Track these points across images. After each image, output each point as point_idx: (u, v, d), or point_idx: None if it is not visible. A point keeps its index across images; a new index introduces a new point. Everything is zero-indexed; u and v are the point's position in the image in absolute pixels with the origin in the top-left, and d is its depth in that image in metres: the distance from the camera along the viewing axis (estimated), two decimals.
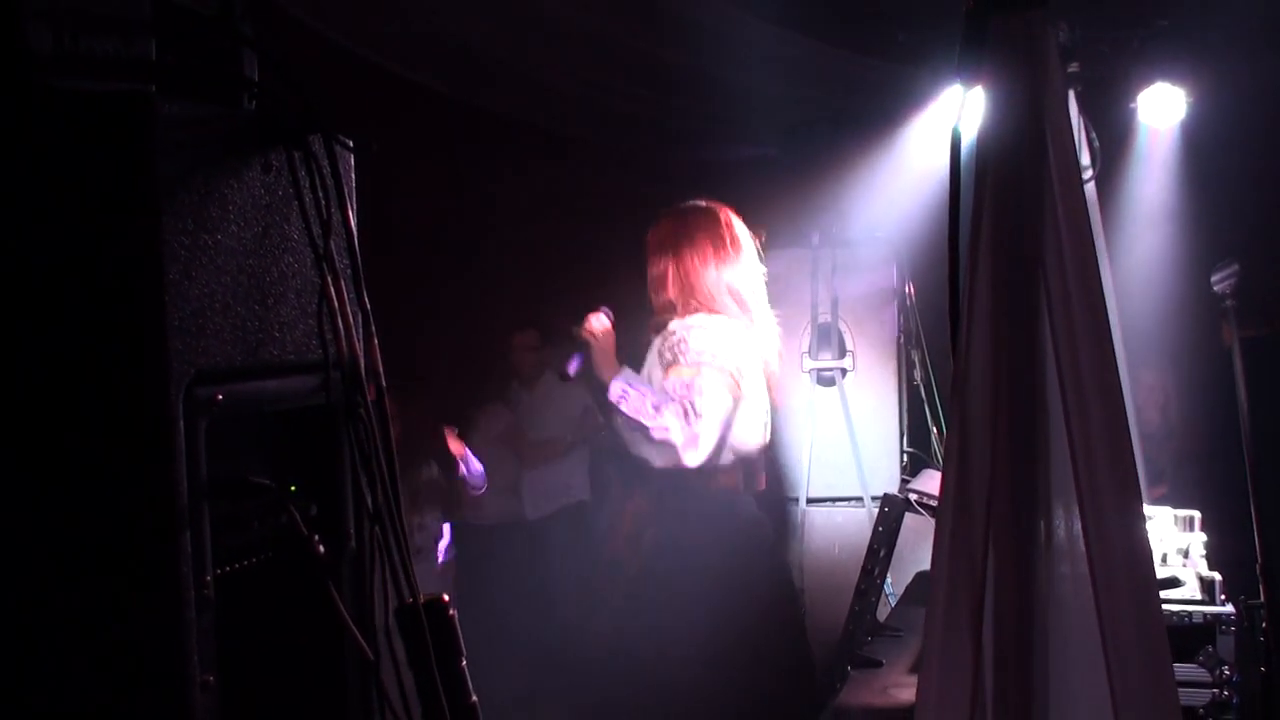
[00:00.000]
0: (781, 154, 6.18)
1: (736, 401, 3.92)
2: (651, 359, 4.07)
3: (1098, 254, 1.76)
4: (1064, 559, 1.67)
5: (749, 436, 4.02)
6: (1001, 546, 1.65)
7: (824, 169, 5.72)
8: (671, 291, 4.04)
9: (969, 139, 1.80)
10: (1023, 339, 1.65)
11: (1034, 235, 1.66)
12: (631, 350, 4.28)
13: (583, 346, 4.07)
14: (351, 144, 1.65)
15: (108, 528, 1.32)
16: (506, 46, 4.89)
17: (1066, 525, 1.67)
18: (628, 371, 4.01)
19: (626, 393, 3.93)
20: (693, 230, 4.05)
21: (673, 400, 3.86)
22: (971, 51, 1.76)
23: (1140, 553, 1.67)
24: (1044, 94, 1.66)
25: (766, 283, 4.15)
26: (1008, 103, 1.68)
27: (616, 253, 4.80)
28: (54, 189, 1.33)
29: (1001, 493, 1.64)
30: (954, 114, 1.82)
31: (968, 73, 1.75)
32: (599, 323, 4.05)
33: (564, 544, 6.37)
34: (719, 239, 4.05)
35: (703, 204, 4.14)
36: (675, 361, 3.92)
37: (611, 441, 4.07)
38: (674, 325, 3.99)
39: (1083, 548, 1.64)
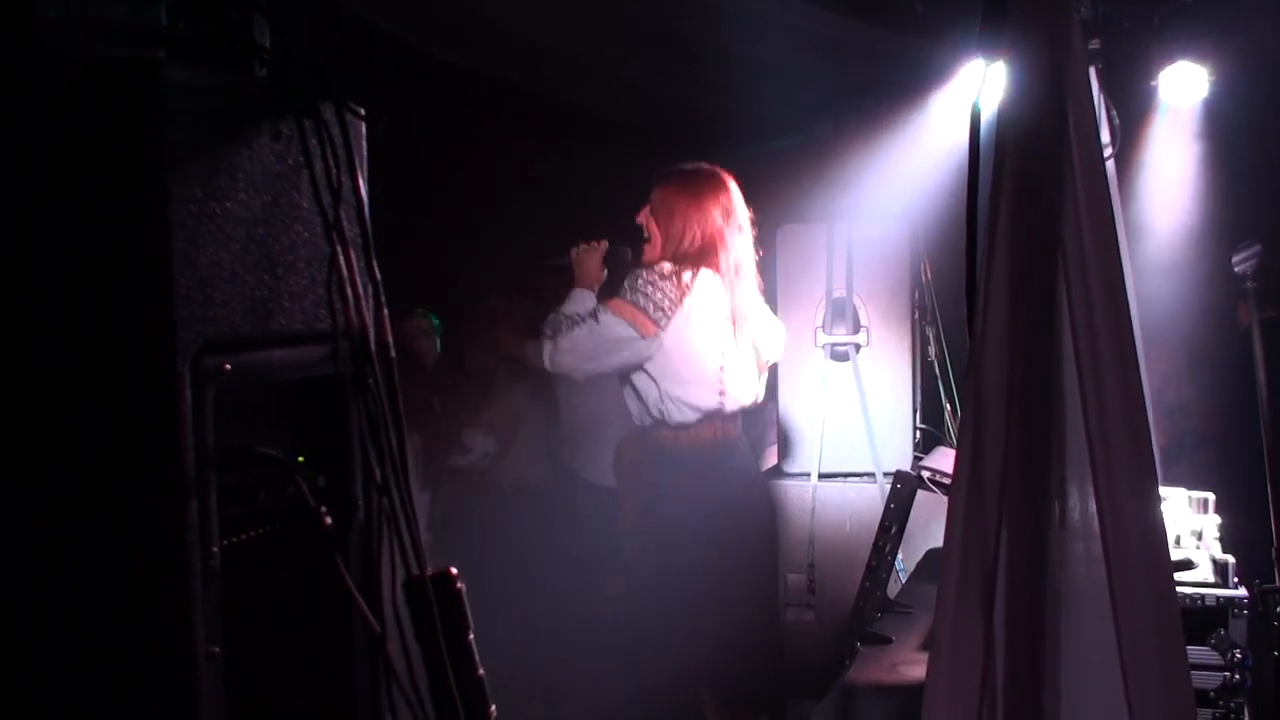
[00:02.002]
0: (798, 128, 6.14)
1: (641, 339, 4.01)
2: None
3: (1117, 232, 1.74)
4: (1078, 538, 1.65)
5: (678, 384, 4.11)
6: (1015, 525, 1.63)
7: (841, 144, 5.69)
8: (661, 246, 4.17)
9: (989, 113, 1.78)
10: (1040, 316, 1.63)
11: (1053, 211, 1.63)
12: None
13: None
14: (363, 112, 1.63)
15: (114, 498, 1.31)
16: (521, 18, 4.86)
17: (1081, 504, 1.65)
18: (581, 292, 4.16)
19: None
20: (698, 194, 4.13)
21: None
22: (992, 24, 1.73)
23: (1155, 533, 1.65)
24: (1066, 68, 1.63)
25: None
26: (1029, 77, 1.65)
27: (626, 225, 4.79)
28: (60, 155, 1.31)
29: (1016, 470, 1.63)
30: (974, 88, 1.79)
31: (989, 46, 1.73)
32: (588, 245, 4.23)
33: None
34: (721, 205, 4.18)
35: (706, 167, 4.24)
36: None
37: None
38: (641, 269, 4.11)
39: (1097, 527, 1.62)
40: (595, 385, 4.64)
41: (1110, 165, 4.27)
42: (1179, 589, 2.97)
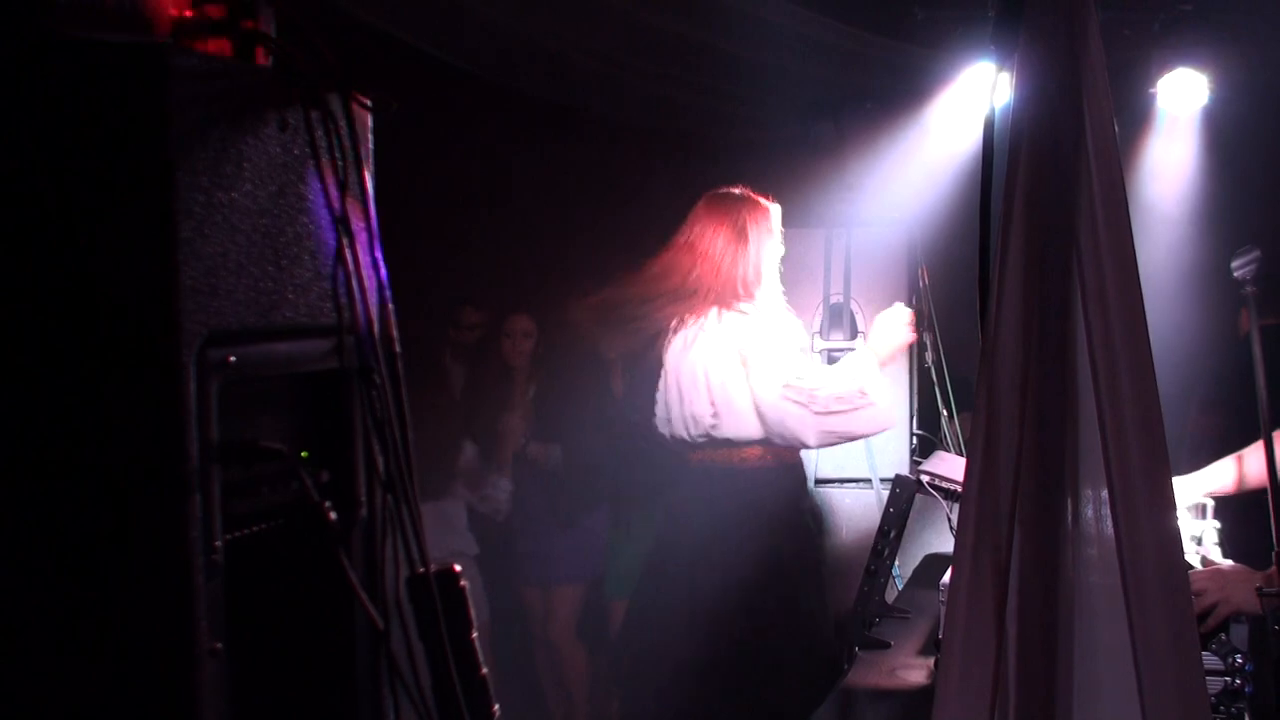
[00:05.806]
0: (797, 133, 6.13)
1: None
2: (712, 347, 4.10)
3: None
4: (1091, 543, 1.63)
5: None
6: (1027, 527, 1.61)
7: (839, 149, 5.68)
8: (737, 276, 4.15)
9: (1000, 115, 1.76)
10: (1053, 315, 1.61)
11: (1068, 209, 1.61)
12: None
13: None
14: (370, 103, 1.61)
15: (116, 491, 1.29)
16: (525, 22, 4.84)
17: (1095, 506, 1.63)
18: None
19: None
20: (747, 217, 4.16)
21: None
22: (1007, 24, 1.71)
23: (1170, 536, 1.63)
24: (1082, 63, 1.61)
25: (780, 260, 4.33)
26: (1045, 72, 1.63)
27: (628, 230, 4.79)
28: (66, 141, 1.29)
29: (1028, 472, 1.61)
30: (986, 91, 1.78)
31: (1003, 43, 1.71)
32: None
33: None
34: (769, 225, 4.22)
35: (738, 190, 4.26)
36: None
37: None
38: (754, 318, 4.12)
39: (1110, 530, 1.61)
40: None
41: None
42: None
